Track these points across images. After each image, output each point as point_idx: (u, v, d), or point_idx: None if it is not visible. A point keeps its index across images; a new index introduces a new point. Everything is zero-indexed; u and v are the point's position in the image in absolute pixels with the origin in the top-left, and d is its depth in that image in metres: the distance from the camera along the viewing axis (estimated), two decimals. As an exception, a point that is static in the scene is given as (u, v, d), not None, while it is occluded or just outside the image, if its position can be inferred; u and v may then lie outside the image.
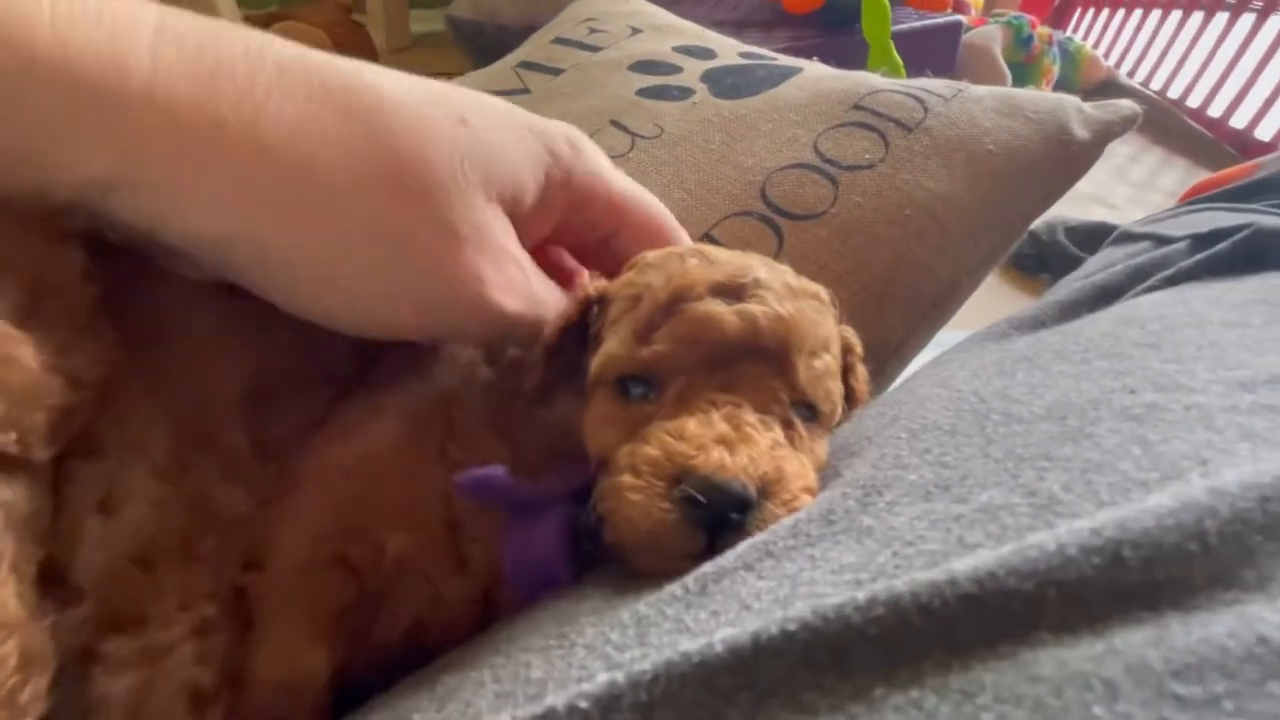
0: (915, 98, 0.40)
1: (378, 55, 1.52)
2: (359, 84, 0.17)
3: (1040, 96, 0.40)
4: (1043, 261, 0.69)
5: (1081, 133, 0.39)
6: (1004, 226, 0.38)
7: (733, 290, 0.19)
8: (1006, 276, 0.73)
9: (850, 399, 0.23)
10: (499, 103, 0.20)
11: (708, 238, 0.37)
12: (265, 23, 1.42)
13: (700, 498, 0.16)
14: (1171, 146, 1.04)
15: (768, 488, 0.17)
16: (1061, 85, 1.17)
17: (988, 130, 0.38)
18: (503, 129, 0.19)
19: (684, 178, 0.40)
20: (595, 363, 0.20)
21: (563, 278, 0.26)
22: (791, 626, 0.12)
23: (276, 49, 0.17)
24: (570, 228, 0.22)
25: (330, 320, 0.18)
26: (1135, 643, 0.11)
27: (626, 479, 0.18)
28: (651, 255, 0.21)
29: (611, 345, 0.20)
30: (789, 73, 0.47)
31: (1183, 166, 0.98)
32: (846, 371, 0.23)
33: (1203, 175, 0.96)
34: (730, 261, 0.20)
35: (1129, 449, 0.15)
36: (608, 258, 0.24)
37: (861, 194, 0.36)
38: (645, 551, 0.17)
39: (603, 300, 0.21)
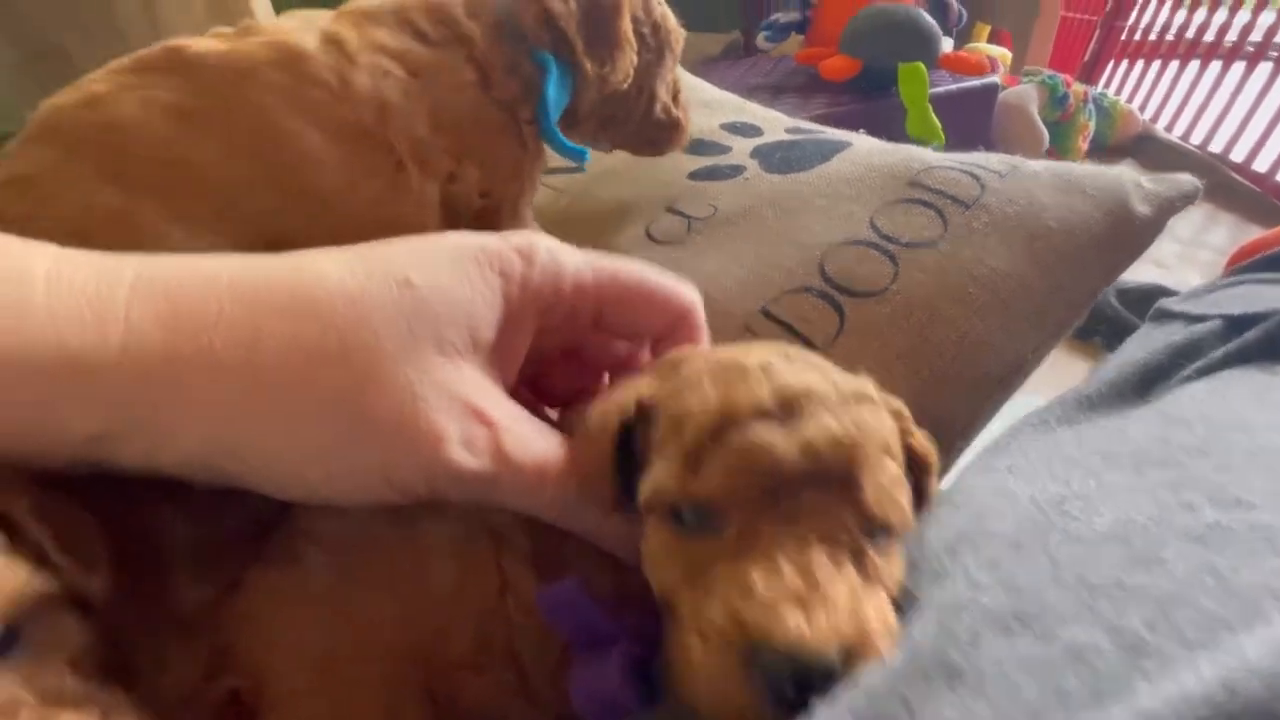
0: (970, 174, 0.41)
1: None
2: (302, 279, 0.18)
3: (1098, 171, 0.40)
4: (1095, 325, 0.68)
5: (1143, 209, 0.39)
6: (1068, 303, 0.38)
7: (783, 409, 0.18)
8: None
9: (919, 470, 0.22)
10: (445, 242, 0.20)
11: (766, 313, 0.37)
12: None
13: (779, 675, 0.15)
14: (1218, 202, 1.02)
15: (852, 652, 0.16)
16: (1096, 141, 1.17)
17: (1047, 207, 0.38)
18: (448, 275, 0.19)
19: (740, 254, 0.40)
20: (645, 491, 0.19)
21: (589, 379, 0.25)
22: None
23: (233, 265, 0.18)
24: (555, 328, 0.22)
25: (323, 500, 0.19)
26: None
27: (695, 645, 0.17)
28: (687, 364, 0.20)
29: (660, 475, 0.19)
30: (838, 147, 0.47)
31: (1230, 222, 0.97)
32: (904, 439, 0.22)
33: (1251, 231, 0.95)
34: (774, 370, 0.19)
35: (1202, 579, 0.15)
36: (611, 340, 0.24)
37: (923, 271, 0.36)
38: None
39: (644, 411, 0.20)
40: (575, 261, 0.22)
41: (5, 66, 1.37)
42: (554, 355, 0.24)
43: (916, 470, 0.21)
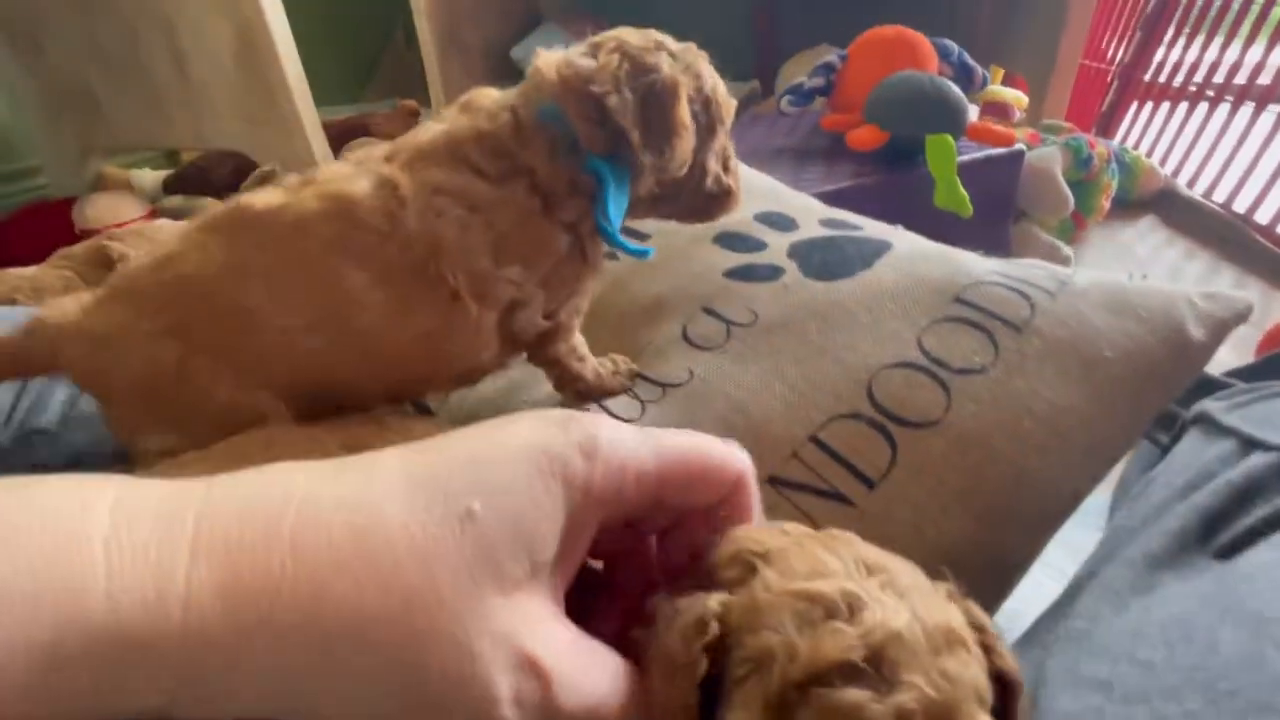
0: (1019, 292, 0.40)
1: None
2: (365, 528, 0.18)
3: (1150, 291, 0.40)
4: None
5: (1198, 333, 0.38)
6: (1124, 433, 0.37)
7: (873, 662, 0.17)
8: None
9: (1004, 689, 0.21)
10: (509, 446, 0.19)
11: (815, 441, 0.36)
12: (342, 129, 1.52)
13: None
14: (1244, 266, 1.01)
15: None
16: (1119, 197, 1.16)
17: (1101, 332, 0.38)
18: (511, 494, 0.19)
19: (784, 371, 0.40)
20: None
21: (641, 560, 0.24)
22: None
23: (296, 505, 0.18)
24: (613, 518, 0.21)
25: None
26: None
27: None
28: (761, 576, 0.20)
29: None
30: (879, 249, 0.47)
31: (1258, 289, 0.95)
32: (989, 657, 0.21)
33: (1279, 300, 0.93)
34: (860, 608, 0.18)
35: None
36: (662, 516, 0.23)
37: (975, 402, 0.36)
38: None
39: (723, 633, 0.19)
40: (638, 454, 0.21)
41: (31, 103, 1.40)
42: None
43: (1002, 689, 0.20)
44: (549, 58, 0.34)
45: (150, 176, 1.54)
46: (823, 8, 1.75)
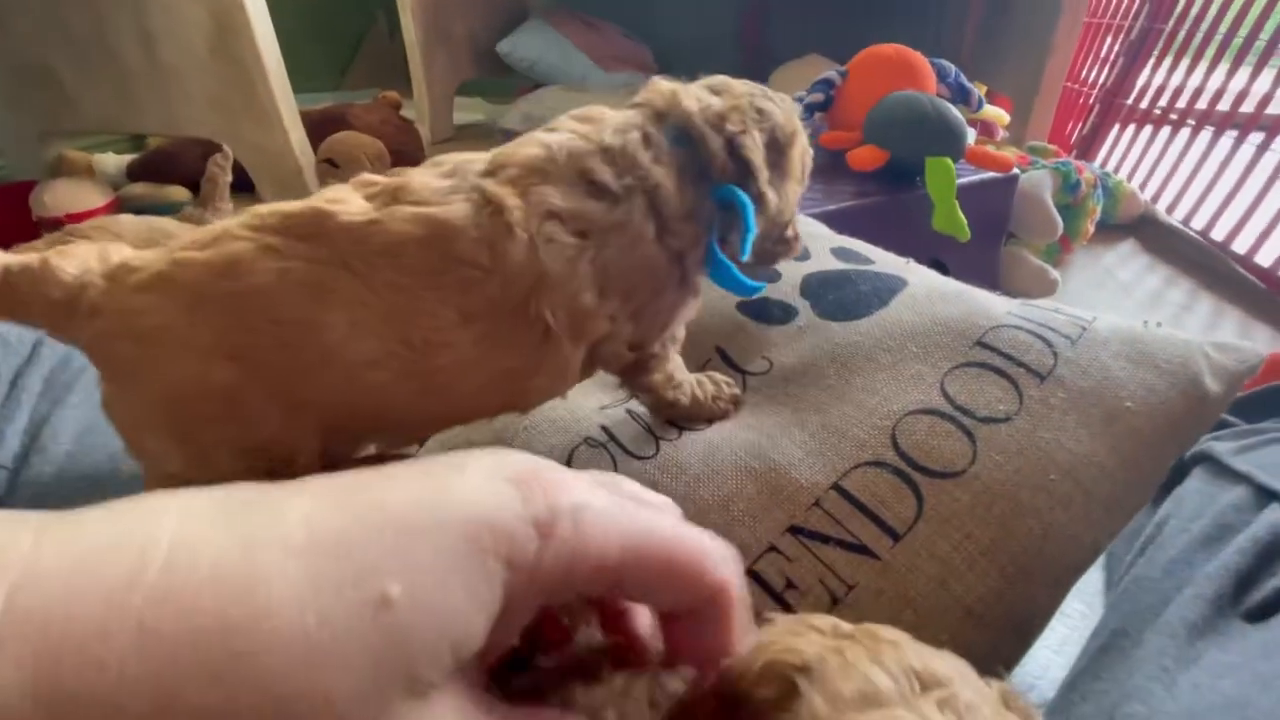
0: (1041, 338, 0.40)
1: (425, 151, 1.57)
2: (241, 607, 0.13)
3: (1167, 341, 0.40)
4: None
5: (1214, 386, 0.38)
6: (1144, 486, 0.37)
7: None
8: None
9: None
10: (447, 511, 0.16)
11: (838, 489, 0.35)
12: (319, 119, 1.47)
13: None
14: (1222, 294, 1.04)
15: None
16: (1101, 220, 1.18)
17: (1122, 383, 0.37)
18: (440, 577, 0.15)
19: (805, 419, 0.39)
20: None
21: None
22: None
23: (157, 565, 0.13)
24: (557, 600, 0.18)
25: None
26: None
27: None
28: (809, 713, 0.17)
29: None
30: (895, 286, 0.46)
31: (1236, 318, 0.98)
32: None
33: (1258, 329, 0.95)
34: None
35: None
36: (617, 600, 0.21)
37: (1001, 452, 0.35)
38: None
39: None
40: (602, 539, 0.17)
41: (-10, 81, 1.32)
42: None
43: None
44: (669, 86, 0.34)
45: (113, 161, 1.47)
46: (812, 18, 1.75)
